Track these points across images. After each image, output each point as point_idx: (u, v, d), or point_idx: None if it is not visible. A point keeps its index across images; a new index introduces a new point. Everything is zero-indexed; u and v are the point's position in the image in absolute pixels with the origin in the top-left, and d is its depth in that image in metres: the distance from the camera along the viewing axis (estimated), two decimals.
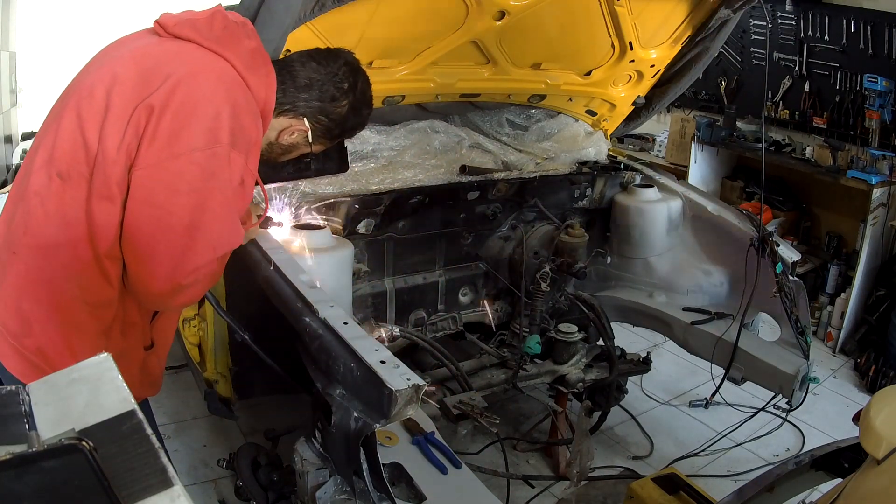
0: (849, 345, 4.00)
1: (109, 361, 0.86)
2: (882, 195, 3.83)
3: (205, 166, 1.36)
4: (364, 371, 1.49)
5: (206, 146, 1.36)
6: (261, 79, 1.48)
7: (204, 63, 1.41)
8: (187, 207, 1.37)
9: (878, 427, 1.33)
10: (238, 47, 1.47)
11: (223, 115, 1.37)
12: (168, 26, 1.47)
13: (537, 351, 2.69)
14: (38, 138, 1.48)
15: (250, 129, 1.45)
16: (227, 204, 1.44)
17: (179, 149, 1.34)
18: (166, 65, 1.39)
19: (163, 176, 1.35)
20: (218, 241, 1.45)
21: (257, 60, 1.49)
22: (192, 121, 1.35)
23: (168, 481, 0.71)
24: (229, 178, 1.41)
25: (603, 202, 3.06)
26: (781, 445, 3.12)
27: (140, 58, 1.43)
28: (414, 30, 2.23)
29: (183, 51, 1.43)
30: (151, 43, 1.47)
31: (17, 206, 1.45)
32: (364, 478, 1.52)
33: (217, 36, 1.46)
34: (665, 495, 2.10)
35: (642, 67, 2.81)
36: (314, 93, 1.60)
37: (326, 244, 2.18)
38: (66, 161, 1.38)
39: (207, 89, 1.38)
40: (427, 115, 2.75)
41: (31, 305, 1.42)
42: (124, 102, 1.36)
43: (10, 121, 4.23)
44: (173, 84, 1.36)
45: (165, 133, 1.34)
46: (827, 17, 4.05)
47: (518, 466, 2.85)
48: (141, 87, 1.37)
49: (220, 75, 1.42)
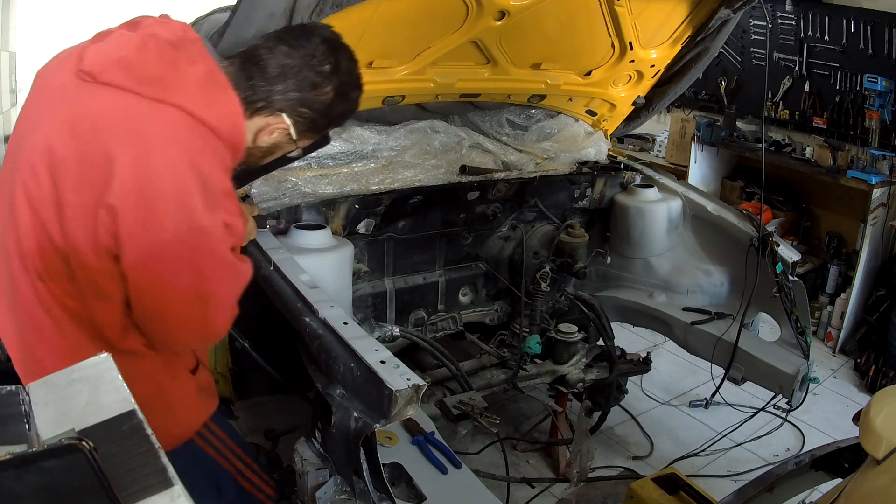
0: (849, 345, 4.00)
1: (109, 361, 0.86)
2: (882, 195, 3.83)
3: (189, 243, 1.26)
4: (364, 371, 1.49)
5: (187, 226, 1.24)
6: (221, 108, 1.29)
7: (153, 125, 1.22)
8: (189, 286, 1.30)
9: (878, 427, 1.33)
10: (182, 82, 1.25)
11: (190, 189, 1.23)
12: (95, 74, 1.25)
13: (537, 351, 2.69)
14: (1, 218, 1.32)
15: (221, 181, 1.30)
16: (225, 263, 1.36)
17: (158, 237, 1.23)
18: (109, 140, 1.21)
19: (156, 267, 1.26)
20: (230, 294, 1.40)
21: (210, 88, 1.28)
22: (163, 207, 1.22)
23: (168, 481, 0.71)
24: (217, 239, 1.32)
25: (603, 202, 3.06)
26: (781, 445, 3.12)
27: (74, 124, 1.23)
28: (414, 30, 2.23)
29: (120, 111, 1.22)
30: (82, 97, 1.25)
31: (16, 314, 1.32)
32: (364, 478, 1.52)
33: (154, 75, 1.24)
34: (665, 495, 2.10)
35: (642, 67, 2.81)
36: (290, 83, 1.36)
37: (326, 244, 2.18)
38: (42, 263, 1.26)
39: (168, 167, 1.21)
40: (427, 115, 2.75)
41: None
42: (79, 199, 1.22)
43: (10, 121, 4.23)
44: (128, 171, 1.19)
45: (139, 228, 1.22)
46: (827, 17, 4.05)
47: (518, 466, 2.85)
48: (88, 174, 1.21)
49: (174, 137, 1.23)
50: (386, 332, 2.45)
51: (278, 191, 2.21)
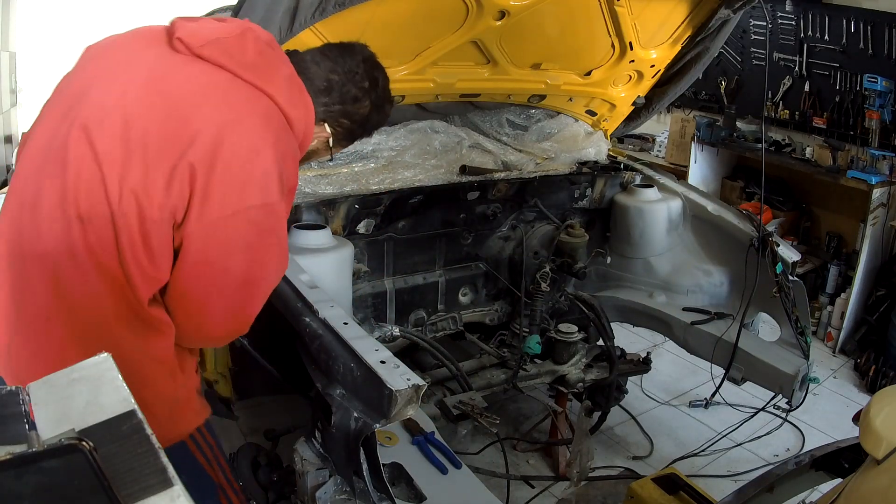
0: (849, 345, 4.00)
1: (109, 361, 0.86)
2: (882, 195, 3.83)
3: (259, 223, 1.29)
4: (364, 371, 1.50)
5: (261, 204, 1.27)
6: (300, 111, 1.36)
7: (246, 105, 1.27)
8: (243, 265, 1.31)
9: (878, 427, 1.33)
10: (276, 76, 1.32)
11: (273, 169, 1.27)
12: (193, 46, 1.28)
13: (537, 351, 2.69)
14: (29, 176, 1.28)
15: (294, 175, 1.37)
16: (282, 254, 1.40)
17: (233, 207, 1.25)
18: (202, 103, 1.24)
19: (217, 234, 1.26)
20: (270, 288, 1.41)
21: (294, 90, 1.36)
22: (243, 179, 1.25)
23: (168, 481, 0.71)
24: (282, 228, 1.36)
25: (603, 202, 3.06)
26: (781, 445, 3.12)
27: (161, 84, 1.25)
28: (414, 30, 2.23)
29: (217, 84, 1.27)
30: (173, 63, 1.28)
31: (25, 264, 1.27)
32: (364, 478, 1.52)
33: (252, 63, 1.30)
34: (665, 495, 2.10)
35: (642, 67, 2.81)
36: (335, 96, 1.45)
37: (326, 244, 2.18)
38: (85, 201, 1.22)
39: (256, 140, 1.25)
40: (427, 115, 2.75)
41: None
42: (159, 153, 1.21)
43: (10, 121, 4.23)
44: (215, 136, 1.22)
45: (217, 192, 1.23)
46: (827, 17, 4.05)
47: (518, 466, 2.85)
48: (173, 130, 1.22)
49: (266, 120, 1.28)
50: (386, 332, 2.45)
51: None
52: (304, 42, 1.91)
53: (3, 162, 4.10)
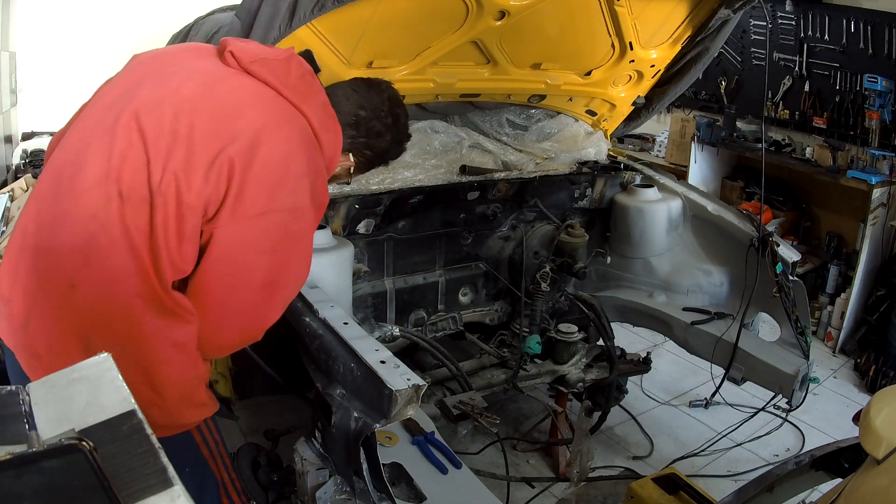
0: (849, 345, 4.00)
1: (109, 361, 0.86)
2: (882, 195, 3.83)
3: (288, 227, 1.34)
4: (364, 371, 1.50)
5: (292, 208, 1.33)
6: (330, 136, 1.46)
7: (285, 116, 1.36)
8: (267, 267, 1.34)
9: (878, 427, 1.33)
10: (314, 101, 1.42)
11: (305, 176, 1.35)
12: (243, 61, 1.40)
13: (537, 351, 2.69)
14: (71, 151, 1.34)
15: (324, 191, 1.44)
16: (304, 262, 1.44)
17: (263, 208, 1.31)
18: (247, 107, 1.33)
19: (245, 234, 1.31)
20: (293, 294, 1.45)
21: (327, 117, 1.46)
22: (277, 180, 1.31)
23: (168, 481, 0.71)
24: (310, 236, 1.41)
25: (603, 202, 3.06)
26: (781, 445, 3.12)
27: (214, 86, 1.35)
28: (414, 30, 2.23)
29: (262, 94, 1.36)
30: (224, 73, 1.39)
31: (57, 230, 1.29)
32: (364, 478, 1.52)
33: (294, 85, 1.40)
34: (665, 495, 2.10)
35: (642, 67, 2.81)
36: (361, 130, 1.58)
37: (326, 244, 2.18)
38: (127, 180, 1.28)
39: (292, 147, 1.34)
40: (427, 115, 2.75)
41: (104, 342, 1.26)
42: (203, 144, 1.28)
43: (10, 121, 4.23)
44: (255, 137, 1.30)
45: (251, 191, 1.29)
46: (827, 17, 4.05)
47: (518, 466, 2.85)
48: (218, 126, 1.30)
49: (302, 133, 1.37)
50: (386, 332, 2.45)
51: None
52: (301, 40, 1.92)
53: (3, 162, 4.10)
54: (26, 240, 1.33)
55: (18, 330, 1.34)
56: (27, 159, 4.06)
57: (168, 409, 1.40)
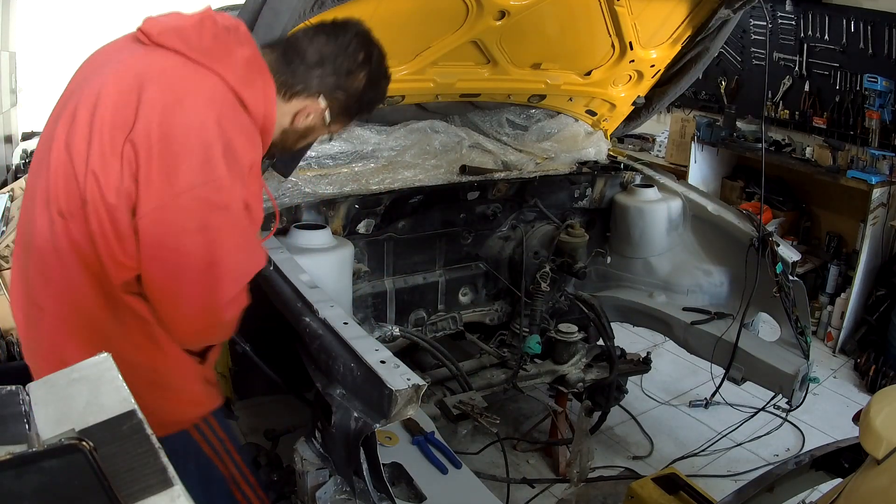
0: (849, 345, 4.00)
1: (109, 361, 0.86)
2: (882, 195, 3.83)
3: (209, 200, 1.29)
4: (364, 371, 1.49)
5: (206, 181, 1.28)
6: (257, 91, 1.37)
7: (191, 83, 1.30)
8: (200, 246, 1.31)
9: (878, 427, 1.33)
10: (229, 58, 1.35)
11: (215, 144, 1.28)
12: (152, 34, 1.35)
13: (537, 351, 2.69)
14: (34, 171, 1.39)
15: (246, 151, 1.35)
16: (241, 233, 1.38)
17: (178, 188, 1.26)
18: (148, 84, 1.28)
19: (168, 217, 1.28)
20: (241, 272, 1.40)
21: (252, 71, 1.38)
22: (184, 153, 1.26)
23: (168, 481, 0.71)
24: (236, 207, 1.34)
25: (603, 202, 3.06)
26: (781, 445, 3.12)
27: (120, 74, 1.32)
28: (414, 30, 2.23)
29: (167, 67, 1.31)
30: (135, 54, 1.35)
31: (28, 256, 1.36)
32: (364, 478, 1.52)
33: (206, 46, 1.34)
34: (665, 495, 2.10)
35: (642, 67, 2.81)
36: (328, 68, 1.47)
37: (326, 244, 2.18)
38: (63, 198, 1.30)
39: (195, 118, 1.28)
40: (427, 115, 2.75)
41: (75, 354, 1.29)
42: (110, 134, 1.26)
43: (10, 121, 4.23)
44: (157, 115, 1.26)
45: (159, 172, 1.25)
46: (827, 17, 4.05)
47: (518, 466, 2.85)
48: (120, 111, 1.27)
49: (210, 97, 1.31)
50: (386, 332, 2.45)
51: (278, 191, 2.21)
52: None
53: (3, 162, 4.10)
54: (19, 266, 1.43)
55: (24, 349, 1.48)
56: (27, 159, 4.07)
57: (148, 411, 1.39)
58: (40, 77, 4.29)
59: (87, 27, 4.25)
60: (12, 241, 2.91)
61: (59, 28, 4.35)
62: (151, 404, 1.37)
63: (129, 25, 1.49)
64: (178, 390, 1.47)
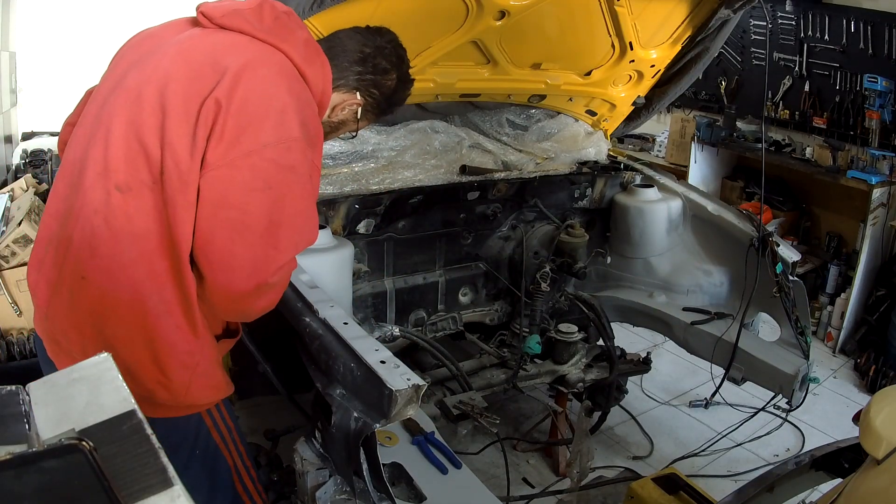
0: (849, 345, 4.00)
1: (109, 361, 0.86)
2: (882, 195, 3.83)
3: (279, 161, 1.31)
4: (364, 371, 1.49)
5: (279, 140, 1.31)
6: (317, 70, 1.45)
7: (263, 55, 1.37)
8: (265, 205, 1.31)
9: (878, 427, 1.33)
10: (292, 38, 1.42)
11: (290, 108, 1.33)
12: (215, 17, 1.41)
13: (537, 351, 2.69)
14: (78, 148, 1.39)
15: (314, 122, 1.41)
16: (306, 197, 1.40)
17: (250, 145, 1.28)
18: (223, 56, 1.33)
19: (236, 175, 1.29)
20: (300, 237, 1.40)
21: (311, 51, 1.45)
22: (260, 115, 1.30)
23: (168, 481, 0.71)
24: (304, 170, 1.37)
25: (603, 202, 3.06)
26: (781, 445, 3.13)
27: (189, 52, 1.37)
28: (414, 30, 2.23)
29: (237, 42, 1.38)
30: (198, 35, 1.41)
31: (71, 225, 1.36)
32: (364, 478, 1.52)
33: (269, 27, 1.41)
34: (665, 495, 2.10)
35: (642, 67, 2.81)
36: (368, 66, 1.57)
37: (326, 244, 2.18)
38: (124, 172, 1.31)
39: (271, 82, 1.34)
40: (427, 115, 2.76)
41: (114, 329, 1.36)
42: (186, 101, 1.30)
43: (10, 121, 4.23)
44: (235, 76, 1.30)
45: (233, 129, 1.28)
46: (827, 17, 4.05)
47: (518, 466, 2.85)
48: (198, 81, 1.31)
49: (281, 67, 1.37)
50: (386, 332, 2.45)
51: None
52: None
53: (3, 162, 4.10)
54: (50, 235, 1.42)
55: (42, 319, 1.45)
56: (27, 159, 4.06)
57: (174, 390, 1.42)
58: (40, 77, 4.29)
59: (87, 27, 4.25)
60: (12, 241, 2.91)
61: (59, 28, 4.35)
62: (179, 385, 1.42)
63: (129, 26, 1.50)
64: (204, 374, 1.47)
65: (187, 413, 1.48)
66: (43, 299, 1.43)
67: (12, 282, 2.89)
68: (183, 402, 1.44)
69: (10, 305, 2.91)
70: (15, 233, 2.91)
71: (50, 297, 1.41)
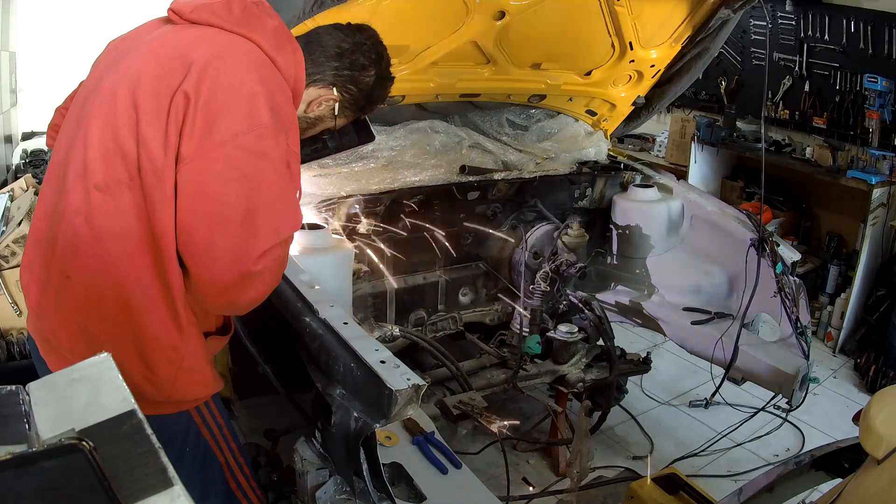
0: (849, 345, 4.00)
1: (109, 361, 0.86)
2: (882, 195, 3.82)
3: (251, 149, 1.31)
4: (364, 371, 1.49)
5: (249, 128, 1.31)
6: (288, 57, 1.45)
7: (230, 45, 1.37)
8: (241, 194, 1.31)
9: (878, 427, 1.33)
10: (261, 27, 1.42)
11: (258, 95, 1.33)
12: (184, 13, 1.43)
13: (537, 351, 2.69)
14: (61, 151, 1.42)
15: (286, 108, 1.41)
16: (282, 184, 1.39)
17: (222, 136, 1.29)
18: (190, 50, 1.34)
19: (210, 166, 1.29)
20: (279, 224, 1.39)
21: (282, 39, 1.45)
22: (228, 104, 1.30)
23: (168, 481, 0.71)
24: (278, 156, 1.36)
25: (603, 202, 3.06)
26: (781, 445, 3.12)
27: (159, 49, 1.38)
28: (414, 30, 2.23)
29: (204, 36, 1.39)
30: (168, 32, 1.43)
31: (56, 226, 1.39)
32: (364, 478, 1.52)
33: (238, 18, 1.41)
34: (665, 495, 2.10)
35: (642, 67, 2.81)
36: (345, 61, 1.58)
37: (326, 244, 2.18)
38: (102, 172, 1.33)
39: (239, 70, 1.34)
40: (427, 115, 2.76)
41: (99, 325, 1.38)
42: (156, 97, 1.31)
43: (10, 121, 4.23)
44: (202, 68, 1.31)
45: (204, 121, 1.29)
46: (827, 17, 4.05)
47: (518, 466, 2.85)
48: (167, 77, 1.31)
49: (249, 56, 1.37)
50: (386, 332, 2.45)
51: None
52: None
53: (3, 162, 4.10)
54: (39, 237, 1.45)
55: (34, 318, 1.48)
56: (27, 159, 4.07)
57: (159, 385, 1.43)
58: (40, 77, 4.29)
59: (87, 27, 4.25)
60: (12, 240, 2.91)
61: (59, 28, 4.35)
62: (165, 379, 1.42)
63: (129, 26, 1.51)
64: (190, 369, 1.47)
65: (176, 410, 1.48)
66: (34, 299, 1.46)
67: (12, 282, 2.90)
68: (170, 397, 1.45)
69: (10, 305, 2.91)
70: (15, 233, 2.91)
71: (40, 297, 1.44)
